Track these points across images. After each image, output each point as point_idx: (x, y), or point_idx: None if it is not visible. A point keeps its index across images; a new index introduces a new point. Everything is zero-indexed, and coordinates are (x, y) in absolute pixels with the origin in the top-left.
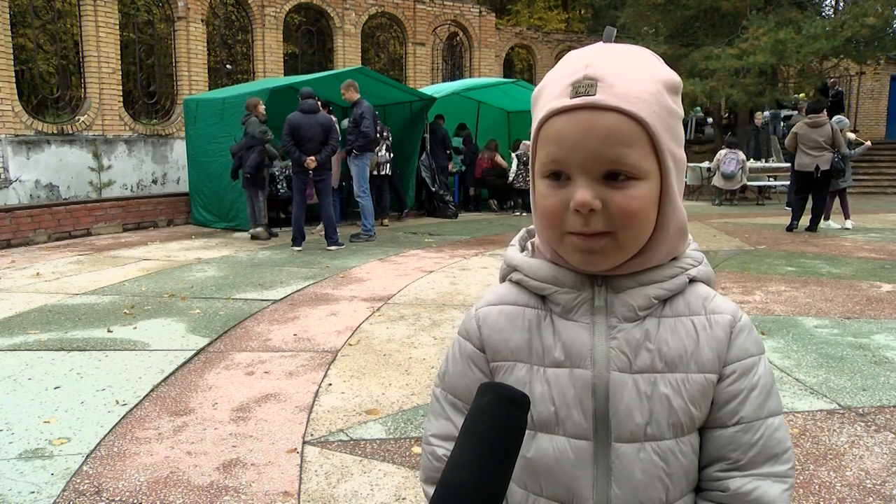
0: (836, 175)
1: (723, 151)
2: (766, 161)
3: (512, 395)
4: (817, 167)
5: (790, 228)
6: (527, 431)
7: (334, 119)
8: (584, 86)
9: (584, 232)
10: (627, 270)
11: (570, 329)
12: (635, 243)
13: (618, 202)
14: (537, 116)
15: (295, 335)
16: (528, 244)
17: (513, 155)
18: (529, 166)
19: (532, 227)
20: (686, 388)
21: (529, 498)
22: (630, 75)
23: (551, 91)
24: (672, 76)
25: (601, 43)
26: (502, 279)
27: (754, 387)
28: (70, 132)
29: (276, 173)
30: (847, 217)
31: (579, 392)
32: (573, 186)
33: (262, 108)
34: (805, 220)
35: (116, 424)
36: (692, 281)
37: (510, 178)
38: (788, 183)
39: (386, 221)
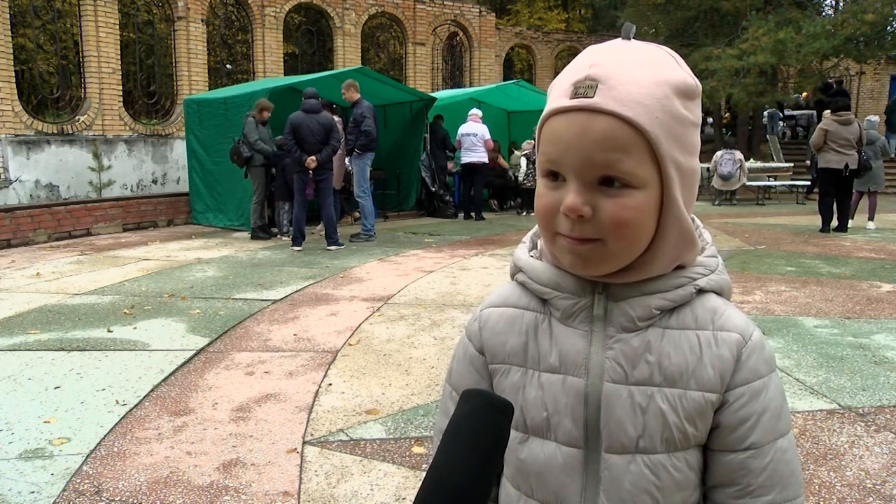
0: (862, 173)
1: (720, 152)
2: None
3: (495, 403)
4: (846, 165)
5: (823, 231)
6: (520, 435)
7: (338, 119)
8: (584, 87)
9: (573, 236)
10: (626, 279)
11: (568, 336)
12: (627, 253)
13: (609, 210)
14: (543, 114)
15: (295, 335)
16: (539, 243)
17: (521, 154)
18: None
19: None
20: (682, 405)
21: (521, 499)
22: (635, 77)
23: (557, 89)
24: (684, 79)
25: (619, 39)
26: (511, 277)
27: (765, 410)
28: (70, 132)
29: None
30: (871, 218)
31: (571, 400)
32: (567, 189)
33: (266, 114)
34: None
35: (116, 424)
36: (703, 291)
37: (521, 178)
38: (804, 183)
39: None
